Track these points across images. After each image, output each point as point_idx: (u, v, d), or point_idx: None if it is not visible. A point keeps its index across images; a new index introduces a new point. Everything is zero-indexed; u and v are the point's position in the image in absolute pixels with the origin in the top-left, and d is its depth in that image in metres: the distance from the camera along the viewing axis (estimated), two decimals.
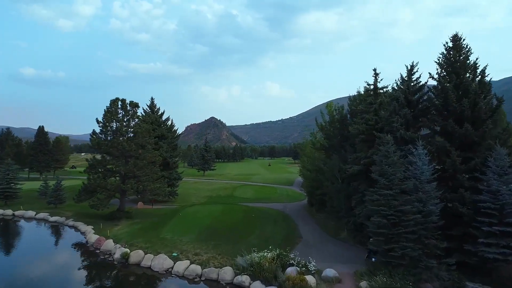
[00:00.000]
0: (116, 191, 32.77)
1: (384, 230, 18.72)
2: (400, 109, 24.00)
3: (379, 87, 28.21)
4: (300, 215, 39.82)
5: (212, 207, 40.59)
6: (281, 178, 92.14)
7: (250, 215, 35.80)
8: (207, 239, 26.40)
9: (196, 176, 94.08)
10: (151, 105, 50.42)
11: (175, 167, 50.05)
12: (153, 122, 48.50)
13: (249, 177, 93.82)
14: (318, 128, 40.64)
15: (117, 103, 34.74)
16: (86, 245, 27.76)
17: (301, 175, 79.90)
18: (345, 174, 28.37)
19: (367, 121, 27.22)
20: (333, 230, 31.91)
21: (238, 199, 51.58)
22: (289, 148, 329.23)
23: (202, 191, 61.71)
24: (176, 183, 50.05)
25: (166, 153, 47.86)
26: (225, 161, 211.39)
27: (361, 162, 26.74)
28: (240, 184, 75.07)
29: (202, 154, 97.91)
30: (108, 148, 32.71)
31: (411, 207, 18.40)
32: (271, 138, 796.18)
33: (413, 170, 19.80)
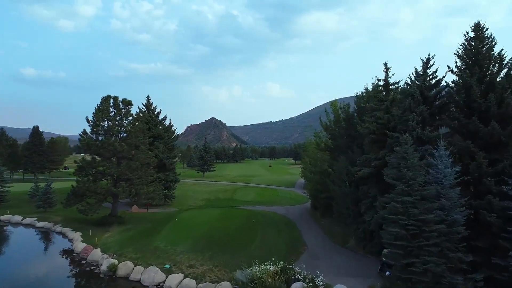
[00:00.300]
0: (107, 195, 30.58)
1: (402, 242, 16.48)
2: (415, 106, 21.78)
3: (390, 82, 25.97)
4: (304, 220, 37.59)
5: (210, 211, 38.36)
6: (282, 179, 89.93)
7: (251, 220, 33.55)
8: (203, 249, 24.15)
9: (195, 178, 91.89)
10: (147, 104, 48.26)
11: (172, 169, 47.83)
12: (149, 122, 46.34)
13: (249, 178, 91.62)
14: (322, 127, 38.41)
15: (109, 101, 32.56)
16: (72, 254, 25.53)
17: (303, 177, 77.70)
18: (353, 177, 26.14)
19: (378, 120, 25.02)
20: (340, 237, 29.67)
21: (238, 202, 49.34)
22: (289, 148, 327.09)
23: (200, 193, 59.49)
24: (173, 185, 47.86)
25: (163, 154, 45.69)
26: (225, 162, 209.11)
27: (371, 164, 24.53)
28: (240, 186, 72.85)
29: (202, 155, 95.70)
30: (98, 148, 30.49)
31: (433, 216, 16.16)
32: (272, 139, 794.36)
33: (434, 174, 17.55)
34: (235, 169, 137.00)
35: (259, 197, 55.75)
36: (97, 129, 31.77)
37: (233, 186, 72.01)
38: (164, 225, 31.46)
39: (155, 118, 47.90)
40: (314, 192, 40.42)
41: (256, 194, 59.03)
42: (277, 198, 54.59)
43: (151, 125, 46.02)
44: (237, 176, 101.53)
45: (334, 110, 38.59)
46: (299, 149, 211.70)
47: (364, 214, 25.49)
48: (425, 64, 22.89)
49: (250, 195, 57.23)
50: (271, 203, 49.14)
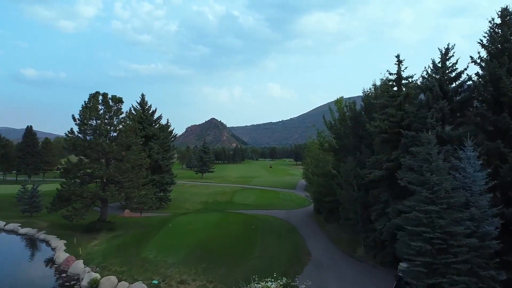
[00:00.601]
0: (94, 199, 28.24)
1: (426, 258, 14.12)
2: (434, 102, 19.44)
3: (403, 76, 23.58)
4: (307, 225, 35.22)
5: (207, 216, 36.03)
6: (283, 181, 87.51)
7: (250, 227, 31.20)
8: (197, 261, 21.78)
9: (194, 179, 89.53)
10: (141, 103, 45.93)
11: (168, 170, 45.48)
12: (143, 121, 44.04)
13: (249, 179, 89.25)
14: (326, 127, 36.05)
15: (98, 98, 30.23)
16: (53, 266, 23.16)
17: (305, 178, 75.32)
18: (362, 180, 23.78)
19: (390, 117, 22.67)
20: (347, 245, 27.33)
21: (237, 206, 47.00)
22: (290, 149, 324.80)
23: (198, 195, 57.13)
24: (168, 187, 45.51)
25: (158, 154, 43.37)
26: (225, 163, 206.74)
27: (382, 167, 22.18)
28: (240, 187, 70.51)
29: (200, 155, 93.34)
30: (85, 149, 28.14)
31: (463, 228, 13.82)
32: (272, 139, 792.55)
33: (461, 179, 15.21)
34: (235, 170, 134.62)
35: (259, 199, 53.39)
36: (84, 128, 29.43)
37: (232, 188, 69.66)
38: (157, 232, 29.12)
39: (150, 117, 45.58)
40: (317, 195, 38.06)
41: (256, 196, 56.67)
42: (278, 201, 52.22)
43: (145, 124, 43.73)
44: (237, 177, 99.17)
45: (339, 108, 36.29)
46: (299, 150, 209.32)
47: (374, 221, 23.14)
48: (444, 55, 20.54)
49: (250, 197, 54.87)
50: (271, 207, 46.78)
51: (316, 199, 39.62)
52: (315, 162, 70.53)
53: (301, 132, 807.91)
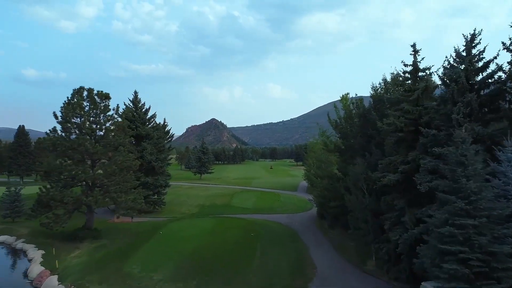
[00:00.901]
0: (76, 205, 25.62)
1: (462, 284, 11.52)
2: (460, 95, 16.83)
3: (420, 68, 20.95)
4: (310, 232, 32.60)
5: (202, 222, 33.45)
6: (284, 182, 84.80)
7: (249, 234, 28.60)
8: (187, 275, 19.20)
9: (192, 180, 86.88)
10: (134, 100, 43.31)
11: (162, 172, 42.87)
12: (136, 120, 41.45)
13: (249, 181, 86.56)
14: (331, 125, 33.42)
15: (82, 93, 27.65)
16: (26, 281, 20.57)
17: (307, 180, 72.75)
18: (375, 184, 21.15)
19: (406, 114, 20.09)
20: (355, 256, 24.73)
21: (236, 210, 44.38)
22: (290, 149, 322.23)
23: (195, 198, 54.48)
24: (162, 190, 42.86)
25: (151, 155, 40.77)
26: (225, 163, 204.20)
27: (398, 170, 19.58)
28: (239, 189, 67.84)
29: (199, 156, 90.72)
30: (66, 149, 25.53)
31: (510, 247, 11.22)
32: (272, 140, 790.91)
33: (501, 185, 12.62)
34: (235, 171, 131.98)
35: (259, 202, 50.75)
36: (67, 126, 26.84)
37: (231, 189, 67.00)
38: (146, 241, 26.53)
39: (143, 115, 42.95)
40: (321, 199, 35.40)
41: (256, 199, 54.03)
42: (278, 204, 49.56)
43: (137, 123, 41.13)
44: (237, 178, 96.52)
45: (345, 105, 33.64)
46: (300, 150, 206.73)
47: (388, 231, 20.52)
48: (469, 42, 17.92)
49: (249, 200, 52.22)
50: (272, 211, 44.14)
51: (320, 203, 36.97)
52: (317, 163, 68.05)
53: (301, 133, 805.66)
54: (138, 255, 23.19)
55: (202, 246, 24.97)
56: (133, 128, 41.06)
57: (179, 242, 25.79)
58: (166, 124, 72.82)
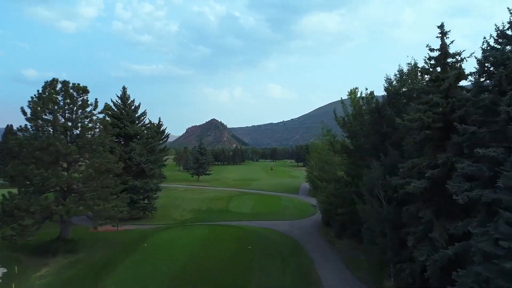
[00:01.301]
0: (46, 214, 22.17)
1: None
2: (510, 82, 13.40)
3: (450, 53, 17.49)
4: (315, 243, 29.16)
5: (194, 230, 30.05)
6: (284, 184, 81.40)
7: (246, 246, 25.17)
8: None
9: (189, 182, 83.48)
10: (122, 97, 39.85)
11: (152, 175, 39.42)
12: (124, 118, 38.04)
13: (248, 182, 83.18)
14: (338, 124, 29.98)
15: (55, 86, 24.24)
16: None
17: (309, 182, 69.33)
18: (396, 192, 17.71)
19: (433, 107, 16.68)
20: (368, 274, 21.30)
21: (233, 215, 40.95)
22: (291, 150, 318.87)
23: (190, 202, 51.06)
24: (153, 195, 39.40)
25: (140, 157, 37.36)
26: (225, 164, 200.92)
27: (425, 175, 16.16)
28: (238, 192, 64.43)
29: (196, 157, 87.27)
30: (34, 150, 22.08)
31: None
32: (273, 140, 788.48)
33: None
34: (234, 172, 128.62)
35: (258, 207, 47.30)
36: (37, 124, 23.41)
37: (229, 192, 63.59)
38: (127, 255, 23.11)
39: (132, 113, 39.50)
40: (327, 205, 31.98)
41: (254, 203, 50.58)
42: (279, 209, 46.08)
43: (125, 122, 37.71)
44: (235, 179, 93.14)
45: (353, 101, 30.22)
46: (301, 151, 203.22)
47: (412, 248, 17.09)
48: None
49: (247, 204, 48.77)
50: (272, 216, 40.66)
51: (325, 210, 33.50)
52: (320, 165, 64.58)
53: (302, 133, 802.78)
54: (116, 273, 19.79)
55: (191, 263, 21.56)
56: (121, 127, 37.72)
57: (165, 258, 22.37)
58: (161, 124, 69.57)
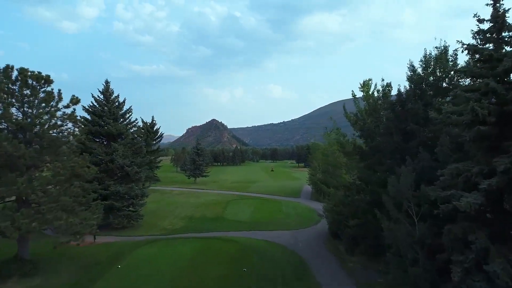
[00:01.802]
0: None
1: None
2: None
3: (508, 24, 13.25)
4: (322, 260, 24.88)
5: (180, 247, 25.77)
6: (285, 186, 77.19)
7: (240, 268, 20.91)
8: None
9: (185, 184, 79.21)
10: (104, 91, 35.60)
11: (138, 179, 35.18)
12: (105, 115, 33.85)
13: (248, 185, 78.94)
14: (349, 121, 25.76)
15: (9, 73, 20.06)
16: None
17: (312, 185, 65.10)
18: (436, 208, 13.46)
19: (486, 96, 12.51)
20: None
21: (229, 224, 36.72)
22: (291, 150, 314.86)
23: (183, 207, 46.84)
24: (138, 201, 35.14)
25: (124, 159, 33.17)
26: (224, 165, 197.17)
27: (479, 186, 11.96)
28: (236, 196, 60.18)
29: (193, 158, 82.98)
30: None
31: None
32: (273, 141, 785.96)
33: None
34: (234, 173, 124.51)
35: (257, 213, 43.06)
36: None
37: (226, 196, 59.34)
38: (95, 279, 18.88)
39: (115, 110, 35.25)
40: (336, 216, 27.74)
41: (253, 209, 46.35)
42: (280, 216, 41.81)
43: (107, 119, 33.52)
44: (234, 182, 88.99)
45: (367, 95, 25.93)
46: (302, 151, 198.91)
47: (460, 283, 12.86)
48: None
49: (245, 211, 44.52)
50: (272, 225, 36.42)
51: (333, 220, 29.24)
52: (323, 167, 60.32)
53: (302, 133, 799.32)
54: None
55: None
56: (102, 125, 33.57)
57: (140, 284, 18.12)
58: (154, 123, 65.57)
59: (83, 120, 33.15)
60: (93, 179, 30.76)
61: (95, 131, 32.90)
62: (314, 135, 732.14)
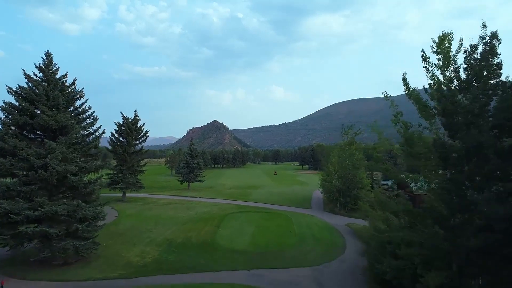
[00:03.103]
0: None
1: None
2: None
3: None
4: None
5: None
6: (292, 194, 66.52)
7: None
8: None
9: (177, 191, 68.59)
10: (44, 67, 24.85)
11: (89, 193, 24.48)
12: (39, 99, 23.21)
13: (248, 192, 68.34)
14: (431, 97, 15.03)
15: None
16: None
17: (324, 192, 54.36)
18: None
19: None
20: None
21: (221, 257, 26.05)
22: (294, 152, 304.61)
23: (165, 226, 36.23)
24: (86, 227, 24.27)
25: (65, 164, 22.56)
26: (224, 167, 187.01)
27: None
28: (234, 206, 49.61)
29: (186, 160, 72.33)
30: None
31: None
32: (275, 142, 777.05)
33: None
34: (233, 177, 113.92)
35: (260, 236, 32.38)
36: None
37: (223, 207, 48.77)
38: None
39: (58, 94, 24.40)
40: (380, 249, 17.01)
41: (255, 228, 35.67)
42: (292, 241, 31.02)
43: (41, 106, 22.87)
44: (234, 187, 78.41)
45: (446, 56, 15.14)
46: (306, 153, 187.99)
47: None
48: None
49: (245, 232, 33.83)
50: (283, 259, 25.72)
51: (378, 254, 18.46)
52: (340, 171, 49.58)
53: (304, 135, 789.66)
54: None
55: None
56: (37, 114, 23.01)
57: None
58: (137, 119, 55.06)
59: (7, 106, 22.71)
60: (18, 194, 20.44)
61: (24, 122, 22.33)
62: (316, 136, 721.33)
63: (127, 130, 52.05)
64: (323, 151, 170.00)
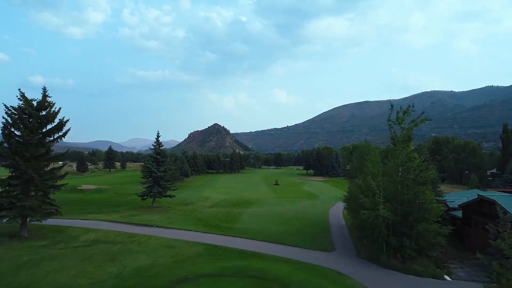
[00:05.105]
0: None
1: None
2: None
3: None
4: None
5: None
6: (300, 215, 44.58)
7: None
8: None
9: (131, 211, 46.95)
10: None
11: None
12: None
13: (237, 212, 46.68)
14: None
15: None
16: None
17: (348, 210, 32.61)
18: None
19: None
20: None
21: None
22: (296, 155, 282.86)
23: None
24: None
25: None
26: (220, 172, 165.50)
27: None
28: (202, 250, 28.03)
29: (149, 167, 50.65)
30: None
31: None
32: (277, 145, 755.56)
33: None
34: (225, 186, 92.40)
35: None
36: None
37: (180, 253, 27.18)
38: None
39: None
40: None
41: None
42: None
43: None
44: (219, 203, 56.88)
45: None
46: (310, 156, 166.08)
47: None
48: None
49: None
50: None
51: None
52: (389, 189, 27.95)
53: (306, 138, 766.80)
54: None
55: None
56: None
57: None
58: (49, 102, 33.94)
59: None
60: None
61: None
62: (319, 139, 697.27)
63: (24, 118, 30.73)
64: (330, 154, 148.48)
